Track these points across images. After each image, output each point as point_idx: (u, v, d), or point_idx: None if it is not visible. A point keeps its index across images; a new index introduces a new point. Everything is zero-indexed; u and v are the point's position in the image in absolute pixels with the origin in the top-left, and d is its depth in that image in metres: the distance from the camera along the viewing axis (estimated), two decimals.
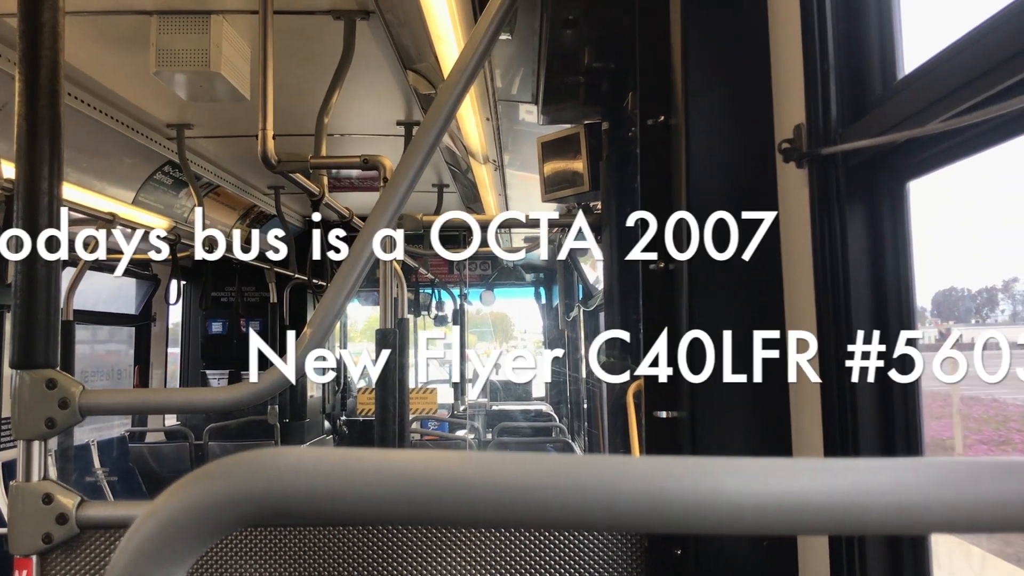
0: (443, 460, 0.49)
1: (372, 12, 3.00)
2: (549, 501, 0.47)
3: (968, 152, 1.02)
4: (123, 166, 4.87)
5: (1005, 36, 0.89)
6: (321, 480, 0.47)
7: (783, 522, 0.48)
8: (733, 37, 1.56)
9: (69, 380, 1.52)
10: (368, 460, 0.49)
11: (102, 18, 3.16)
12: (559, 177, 3.24)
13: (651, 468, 0.48)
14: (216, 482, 0.48)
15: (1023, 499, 0.48)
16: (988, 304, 2.76)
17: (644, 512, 0.48)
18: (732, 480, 0.48)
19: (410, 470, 0.48)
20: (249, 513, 0.48)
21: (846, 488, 0.48)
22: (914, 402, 1.22)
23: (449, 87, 1.57)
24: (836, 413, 1.28)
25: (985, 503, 0.48)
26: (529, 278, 11.38)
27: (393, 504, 0.48)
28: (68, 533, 1.56)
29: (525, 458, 0.49)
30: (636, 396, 2.39)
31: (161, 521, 0.48)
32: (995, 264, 2.49)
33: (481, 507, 0.48)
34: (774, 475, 0.48)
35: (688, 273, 1.53)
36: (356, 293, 1.60)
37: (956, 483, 0.48)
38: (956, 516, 0.48)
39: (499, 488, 0.48)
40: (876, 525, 0.49)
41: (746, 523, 0.48)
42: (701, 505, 0.48)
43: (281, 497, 0.47)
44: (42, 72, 1.50)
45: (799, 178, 1.36)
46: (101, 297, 6.88)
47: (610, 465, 0.49)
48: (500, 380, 10.98)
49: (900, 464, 0.49)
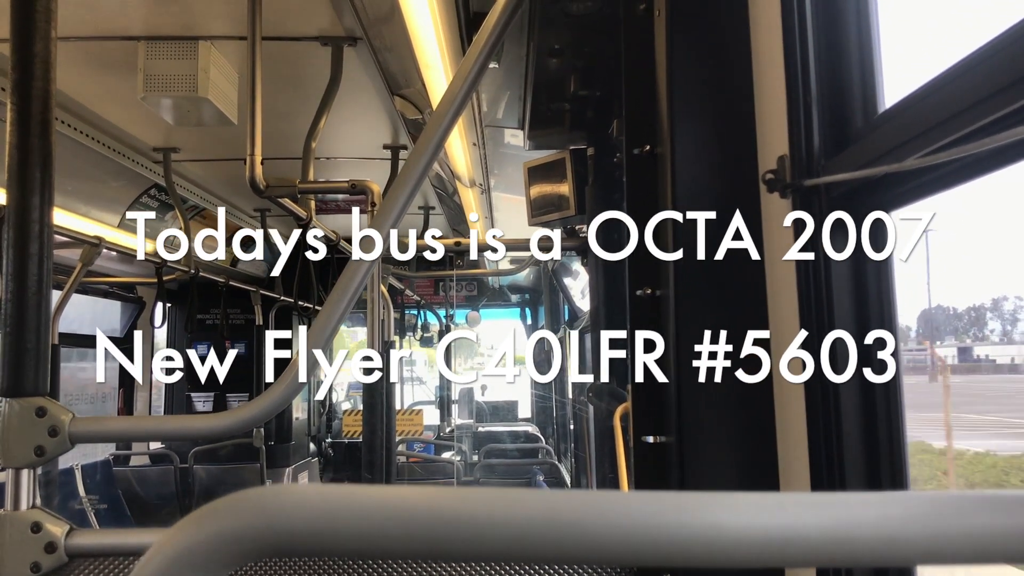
0: (441, 497, 0.50)
1: (360, 39, 3.02)
2: (545, 536, 0.49)
3: (946, 186, 1.04)
4: (109, 189, 4.87)
5: (982, 75, 0.92)
6: (325, 516, 0.49)
7: (772, 555, 0.50)
8: (717, 68, 1.59)
9: (59, 408, 1.53)
10: (369, 496, 0.50)
11: (89, 43, 3.17)
12: (545, 201, 3.27)
13: (640, 503, 0.50)
14: (223, 519, 0.49)
15: (1006, 531, 0.50)
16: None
17: (634, 546, 0.49)
18: (721, 514, 0.50)
19: (408, 506, 0.50)
20: (255, 549, 0.49)
21: (834, 522, 0.50)
22: (899, 434, 1.24)
23: (439, 115, 1.59)
24: (822, 436, 1.30)
25: (970, 536, 0.50)
26: (515, 299, 11.40)
27: (393, 539, 0.49)
28: (57, 562, 1.56)
29: (522, 495, 0.50)
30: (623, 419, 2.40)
31: (170, 556, 0.49)
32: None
33: (479, 542, 0.49)
34: (763, 510, 0.50)
35: (675, 299, 1.55)
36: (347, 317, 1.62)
37: (941, 516, 0.50)
38: (942, 548, 0.50)
39: (496, 524, 0.49)
40: (864, 558, 0.51)
41: (736, 556, 0.50)
42: (691, 539, 0.49)
43: (286, 533, 0.49)
44: (34, 103, 1.51)
45: (783, 207, 1.39)
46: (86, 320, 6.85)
47: (602, 501, 0.51)
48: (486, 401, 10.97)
49: (886, 498, 0.51)
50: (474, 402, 10.73)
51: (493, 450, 8.50)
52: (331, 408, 10.05)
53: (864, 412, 1.26)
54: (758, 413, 1.50)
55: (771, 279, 1.49)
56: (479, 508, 0.50)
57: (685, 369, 1.52)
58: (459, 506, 0.50)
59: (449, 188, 5.19)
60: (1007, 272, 5.77)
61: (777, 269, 1.46)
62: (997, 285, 5.64)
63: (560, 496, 0.51)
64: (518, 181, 3.48)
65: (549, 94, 2.79)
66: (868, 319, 1.26)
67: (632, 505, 0.50)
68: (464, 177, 4.54)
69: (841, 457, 1.27)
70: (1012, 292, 4.78)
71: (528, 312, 11.52)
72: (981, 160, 0.94)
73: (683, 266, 1.54)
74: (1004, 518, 0.49)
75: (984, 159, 0.94)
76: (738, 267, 1.51)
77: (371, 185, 3.21)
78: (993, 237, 5.47)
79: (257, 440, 7.12)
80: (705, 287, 1.54)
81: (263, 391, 1.62)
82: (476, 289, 10.57)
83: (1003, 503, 0.50)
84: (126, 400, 7.52)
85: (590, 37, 2.37)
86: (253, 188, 3.00)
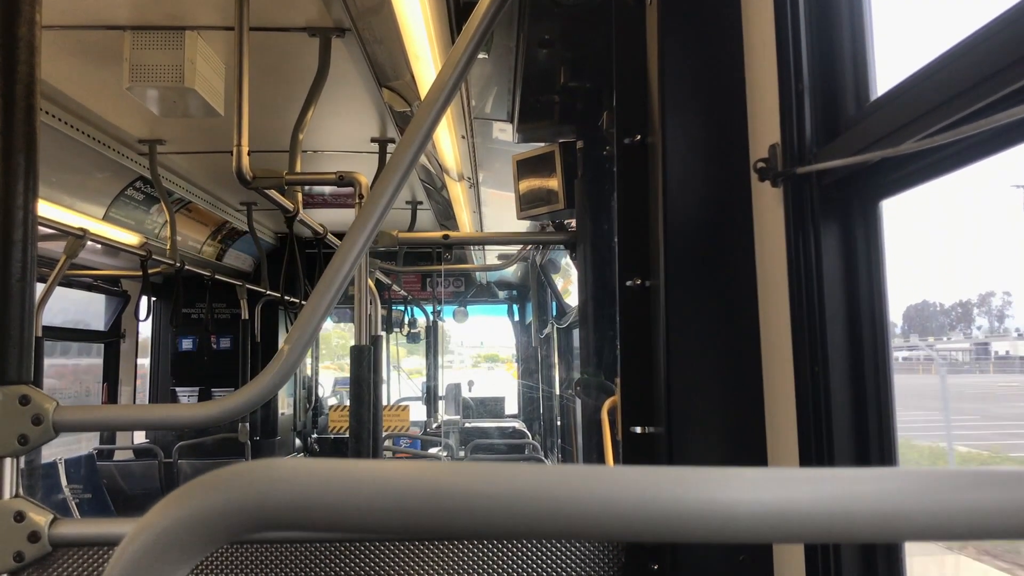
0: (434, 470, 0.49)
1: (348, 30, 3.01)
2: (537, 511, 0.48)
3: (940, 172, 1.04)
4: (94, 181, 4.83)
5: (974, 60, 0.92)
6: (315, 491, 0.48)
7: (760, 531, 0.49)
8: (709, 56, 1.59)
9: (43, 396, 1.51)
10: (360, 471, 0.49)
11: (74, 32, 3.14)
12: (534, 195, 3.26)
13: (629, 477, 0.49)
14: (211, 494, 0.48)
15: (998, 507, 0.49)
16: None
17: (624, 521, 0.48)
18: (712, 489, 0.49)
19: (402, 480, 0.49)
20: (243, 524, 0.48)
21: (827, 497, 0.49)
22: (888, 413, 1.24)
23: (427, 106, 1.58)
24: (811, 427, 1.30)
25: (962, 511, 0.49)
26: (502, 295, 11.39)
27: (385, 514, 0.48)
28: (40, 551, 1.54)
29: (514, 468, 0.49)
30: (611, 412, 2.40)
31: (156, 532, 0.48)
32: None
33: (472, 516, 0.48)
34: (756, 484, 0.49)
35: (665, 290, 1.55)
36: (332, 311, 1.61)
37: (935, 492, 0.49)
38: (935, 524, 0.49)
39: (490, 497, 0.48)
40: (857, 534, 0.50)
41: (725, 531, 0.49)
42: (681, 514, 0.49)
43: (275, 508, 0.47)
44: (18, 87, 1.49)
45: (774, 196, 1.38)
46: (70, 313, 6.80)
47: (591, 475, 0.50)
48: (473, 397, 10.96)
49: (881, 474, 0.50)
50: (461, 398, 10.71)
51: (480, 445, 8.49)
52: (317, 403, 10.02)
53: (854, 401, 1.26)
54: (748, 402, 1.50)
55: (761, 268, 1.49)
56: (472, 481, 0.49)
57: (675, 359, 1.52)
58: (452, 480, 0.49)
59: (437, 183, 5.18)
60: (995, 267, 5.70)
61: (768, 258, 1.45)
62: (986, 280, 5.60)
63: (551, 471, 0.50)
64: (507, 176, 3.47)
65: (538, 86, 2.78)
66: (859, 307, 1.26)
67: (622, 479, 0.49)
68: (452, 171, 4.53)
69: (831, 447, 1.27)
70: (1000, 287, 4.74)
71: (516, 308, 11.51)
72: (975, 145, 0.94)
73: (673, 256, 1.53)
74: (995, 493, 0.49)
75: (978, 144, 0.93)
76: (729, 256, 1.51)
77: (359, 177, 3.19)
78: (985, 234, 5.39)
79: (242, 435, 7.10)
80: (695, 277, 1.53)
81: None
82: (464, 284, 10.56)
83: (994, 479, 0.49)
84: (110, 394, 7.49)
85: (580, 28, 2.36)
86: (239, 179, 2.98)
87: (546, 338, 8.74)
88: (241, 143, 2.93)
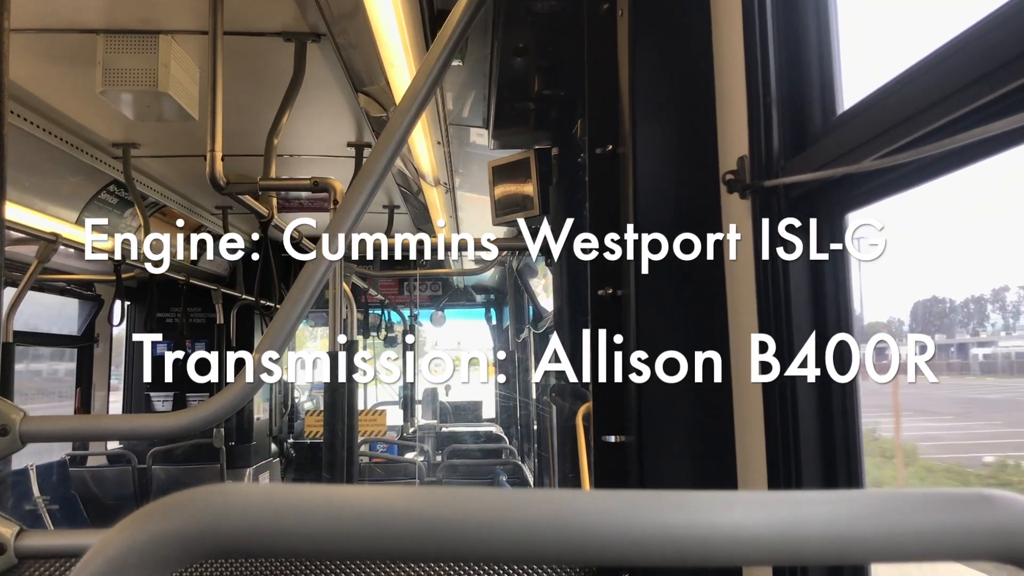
0: (390, 496, 0.49)
1: (323, 35, 3.00)
2: (497, 537, 0.48)
3: (902, 187, 1.05)
4: (67, 185, 4.79)
5: (938, 77, 0.93)
6: (269, 516, 0.48)
7: (727, 554, 0.50)
8: (679, 69, 1.60)
9: (9, 406, 1.49)
10: (316, 495, 0.49)
11: (47, 36, 3.11)
12: (509, 201, 3.27)
13: (595, 502, 0.50)
14: (166, 519, 0.48)
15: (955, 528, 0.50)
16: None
17: (590, 546, 0.49)
18: (677, 513, 0.49)
19: (357, 505, 0.49)
20: (199, 549, 0.48)
21: (787, 520, 0.50)
22: (854, 423, 1.25)
23: (401, 112, 1.58)
24: (779, 436, 1.31)
25: (919, 533, 0.50)
26: (480, 299, 11.38)
27: (340, 539, 0.48)
28: (6, 564, 1.52)
29: (470, 493, 0.49)
30: (585, 419, 2.40)
31: (110, 558, 0.48)
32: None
33: (429, 542, 0.48)
34: (718, 508, 0.50)
35: (635, 299, 1.55)
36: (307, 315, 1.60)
37: (891, 514, 0.50)
38: (892, 546, 0.50)
39: (446, 523, 0.48)
40: (817, 556, 0.51)
41: (691, 555, 0.50)
42: (647, 538, 0.49)
43: (230, 534, 0.47)
44: None
45: (743, 207, 1.39)
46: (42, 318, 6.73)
47: (556, 499, 0.50)
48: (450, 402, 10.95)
49: (838, 496, 0.51)
50: (438, 402, 10.70)
51: (456, 450, 8.48)
52: (293, 408, 9.96)
53: (821, 412, 1.27)
54: (717, 413, 1.50)
55: (731, 279, 1.50)
56: (431, 507, 0.49)
57: (644, 366, 1.53)
58: (410, 505, 0.49)
59: (414, 187, 5.17)
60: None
61: (736, 269, 1.46)
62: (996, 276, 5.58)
63: (512, 495, 0.50)
64: (483, 180, 3.47)
65: (513, 93, 2.78)
66: (826, 319, 1.27)
67: (587, 504, 0.50)
68: (428, 176, 4.52)
69: (798, 457, 1.28)
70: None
71: (493, 312, 11.51)
72: (937, 161, 0.95)
73: (643, 266, 1.54)
74: (952, 516, 0.50)
75: (940, 160, 0.95)
76: (698, 267, 1.52)
77: (333, 183, 3.18)
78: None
79: (217, 440, 7.04)
80: (665, 287, 1.54)
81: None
82: (441, 289, 10.55)
83: (951, 501, 0.50)
84: (84, 400, 7.40)
85: (554, 36, 2.37)
86: (213, 185, 2.97)
87: (523, 342, 8.74)
88: (215, 148, 2.91)
